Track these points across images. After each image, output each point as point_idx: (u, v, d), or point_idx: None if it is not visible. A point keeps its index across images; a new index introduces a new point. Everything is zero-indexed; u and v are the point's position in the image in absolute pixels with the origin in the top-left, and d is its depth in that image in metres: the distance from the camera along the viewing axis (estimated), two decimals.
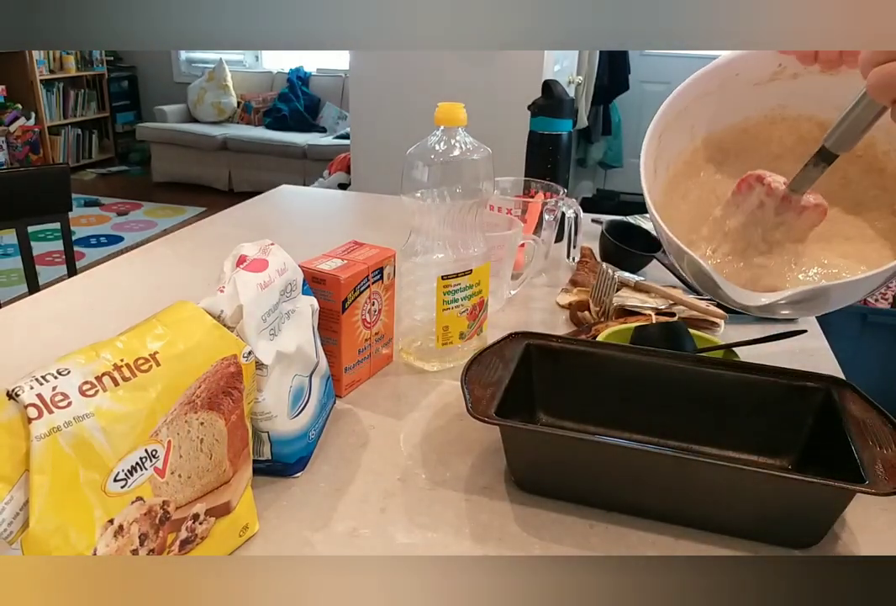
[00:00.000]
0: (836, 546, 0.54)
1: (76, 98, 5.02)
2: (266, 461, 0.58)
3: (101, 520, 0.39)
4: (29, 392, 0.37)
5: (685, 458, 0.53)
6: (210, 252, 1.11)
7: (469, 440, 0.65)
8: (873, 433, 0.55)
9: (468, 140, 0.70)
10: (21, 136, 4.57)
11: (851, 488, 0.49)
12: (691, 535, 0.54)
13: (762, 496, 0.52)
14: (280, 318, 0.56)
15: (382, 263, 0.72)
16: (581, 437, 0.55)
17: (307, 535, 0.53)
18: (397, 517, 0.56)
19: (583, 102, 3.24)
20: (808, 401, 0.61)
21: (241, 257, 0.56)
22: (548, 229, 1.01)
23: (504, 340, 0.67)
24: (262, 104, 4.83)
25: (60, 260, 3.23)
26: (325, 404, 0.64)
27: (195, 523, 0.46)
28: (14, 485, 0.37)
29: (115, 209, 4.24)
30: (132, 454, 0.41)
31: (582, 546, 0.53)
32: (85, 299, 0.93)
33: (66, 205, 1.42)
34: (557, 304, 0.95)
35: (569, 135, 1.13)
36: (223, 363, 0.47)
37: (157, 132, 4.63)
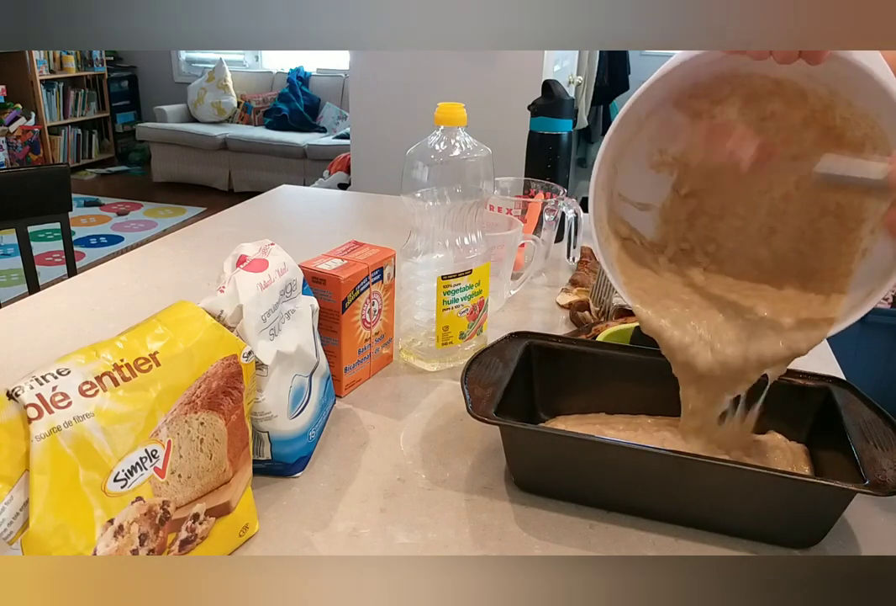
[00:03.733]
0: (836, 546, 0.54)
1: (76, 98, 5.02)
2: (266, 461, 0.58)
3: (101, 520, 0.39)
4: (29, 392, 0.37)
5: (685, 458, 0.53)
6: (210, 252, 1.11)
7: (469, 440, 0.65)
8: (873, 433, 0.55)
9: (468, 140, 0.70)
10: (21, 136, 4.57)
11: (851, 488, 0.49)
12: (691, 535, 0.54)
13: (762, 496, 0.52)
14: (280, 318, 0.56)
15: (382, 263, 0.72)
16: (581, 437, 0.55)
17: (307, 535, 0.53)
18: (397, 517, 0.56)
19: (583, 102, 3.24)
20: (808, 401, 0.61)
21: (241, 257, 0.56)
22: (548, 229, 1.01)
23: (504, 340, 0.67)
24: (262, 104, 4.83)
25: (60, 260, 3.23)
26: (325, 404, 0.64)
27: (195, 523, 0.46)
28: (14, 485, 0.37)
29: (115, 209, 4.24)
30: (132, 454, 0.41)
31: (582, 545, 0.53)
32: (85, 299, 0.93)
33: (66, 205, 1.42)
34: (557, 304, 0.95)
35: (569, 135, 1.13)
36: (223, 363, 0.47)
37: (157, 132, 4.62)
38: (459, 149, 0.69)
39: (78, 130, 5.05)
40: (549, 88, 1.11)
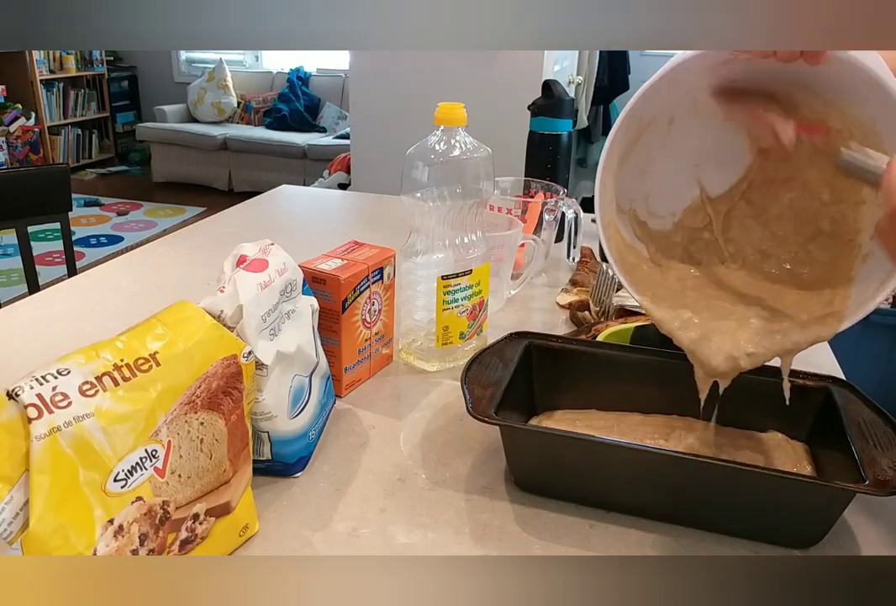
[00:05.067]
0: (836, 546, 0.54)
1: (76, 98, 5.02)
2: (266, 461, 0.58)
3: (101, 520, 0.39)
4: (29, 392, 0.37)
5: (685, 458, 0.53)
6: (210, 252, 1.11)
7: (469, 440, 0.65)
8: (873, 433, 0.55)
9: (468, 140, 0.70)
10: (21, 136, 4.57)
11: (851, 488, 0.49)
12: (691, 535, 0.54)
13: (762, 496, 0.52)
14: (280, 318, 0.56)
15: (382, 263, 0.72)
16: (581, 437, 0.55)
17: (307, 535, 0.53)
18: (397, 517, 0.56)
19: (583, 102, 3.24)
20: (808, 401, 0.61)
21: (241, 257, 0.56)
22: (548, 228, 1.01)
23: (504, 340, 0.67)
24: (262, 104, 4.83)
25: (60, 260, 3.23)
26: (325, 404, 0.64)
27: (195, 523, 0.46)
28: (14, 485, 0.37)
29: (115, 209, 4.24)
30: (132, 454, 0.41)
31: (582, 545, 0.53)
32: (85, 299, 0.93)
33: (66, 205, 1.42)
34: (557, 304, 0.95)
35: (569, 135, 1.13)
36: (223, 363, 0.47)
37: (157, 132, 4.62)
38: (459, 149, 0.69)
39: (78, 130, 5.05)
40: (549, 88, 1.11)
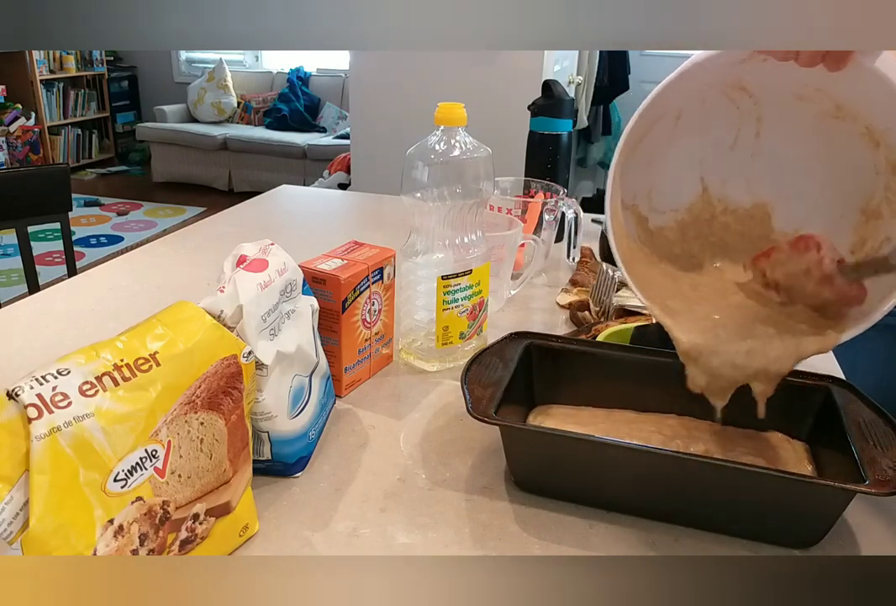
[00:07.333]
0: (836, 546, 0.54)
1: (76, 98, 5.02)
2: (266, 461, 0.58)
3: (101, 520, 0.39)
4: (29, 392, 0.37)
5: (685, 458, 0.53)
6: (210, 252, 1.11)
7: (469, 440, 0.65)
8: (873, 433, 0.55)
9: (468, 140, 0.70)
10: (21, 136, 4.57)
11: (851, 488, 0.49)
12: (691, 535, 0.54)
13: (762, 496, 0.52)
14: (280, 318, 0.56)
15: (382, 263, 0.72)
16: (581, 437, 0.54)
17: (307, 535, 0.53)
18: (397, 517, 0.56)
19: (583, 102, 3.24)
20: (808, 401, 0.61)
21: (241, 257, 0.56)
22: (548, 228, 1.01)
23: (504, 340, 0.67)
24: (262, 104, 4.83)
25: (60, 260, 3.23)
26: (325, 404, 0.64)
27: (195, 523, 0.46)
28: (14, 485, 0.37)
29: (115, 209, 4.24)
30: (132, 454, 0.41)
31: (582, 546, 0.53)
32: (85, 299, 0.93)
33: (66, 205, 1.42)
34: (557, 304, 0.95)
35: (569, 135, 1.13)
36: (223, 363, 0.47)
37: (157, 132, 4.62)
38: (459, 149, 0.69)
39: (78, 130, 5.05)
40: (549, 88, 1.11)
